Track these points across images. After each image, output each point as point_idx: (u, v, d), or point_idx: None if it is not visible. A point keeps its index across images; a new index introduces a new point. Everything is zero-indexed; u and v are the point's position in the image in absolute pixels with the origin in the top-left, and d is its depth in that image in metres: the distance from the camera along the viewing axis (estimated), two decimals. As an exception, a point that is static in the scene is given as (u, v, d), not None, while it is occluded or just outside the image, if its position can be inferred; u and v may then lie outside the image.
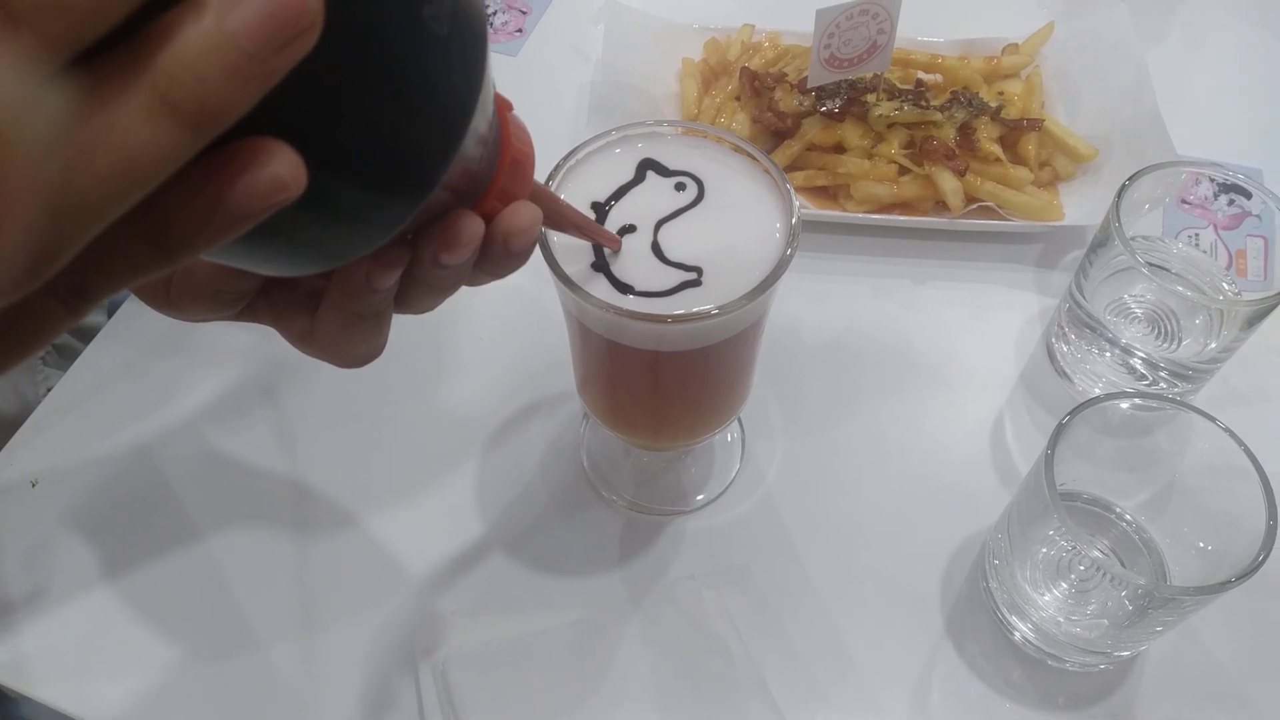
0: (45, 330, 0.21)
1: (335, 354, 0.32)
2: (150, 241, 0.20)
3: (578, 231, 0.38)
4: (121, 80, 0.17)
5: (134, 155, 0.17)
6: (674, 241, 0.41)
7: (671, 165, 0.44)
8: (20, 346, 0.20)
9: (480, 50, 0.24)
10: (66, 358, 0.66)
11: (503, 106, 0.29)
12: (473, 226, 0.28)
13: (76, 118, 0.17)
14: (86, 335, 0.68)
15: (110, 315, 0.68)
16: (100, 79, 0.17)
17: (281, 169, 0.19)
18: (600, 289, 0.40)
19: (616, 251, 0.41)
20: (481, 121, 0.25)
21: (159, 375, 0.64)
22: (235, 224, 0.20)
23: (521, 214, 0.29)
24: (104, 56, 0.17)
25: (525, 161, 0.30)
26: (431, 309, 0.31)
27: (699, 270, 0.41)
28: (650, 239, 0.41)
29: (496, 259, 0.30)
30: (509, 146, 0.29)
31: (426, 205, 0.25)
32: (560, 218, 0.36)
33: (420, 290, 0.30)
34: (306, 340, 0.32)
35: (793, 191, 0.42)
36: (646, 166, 0.44)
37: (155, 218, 0.19)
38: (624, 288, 0.40)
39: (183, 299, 0.31)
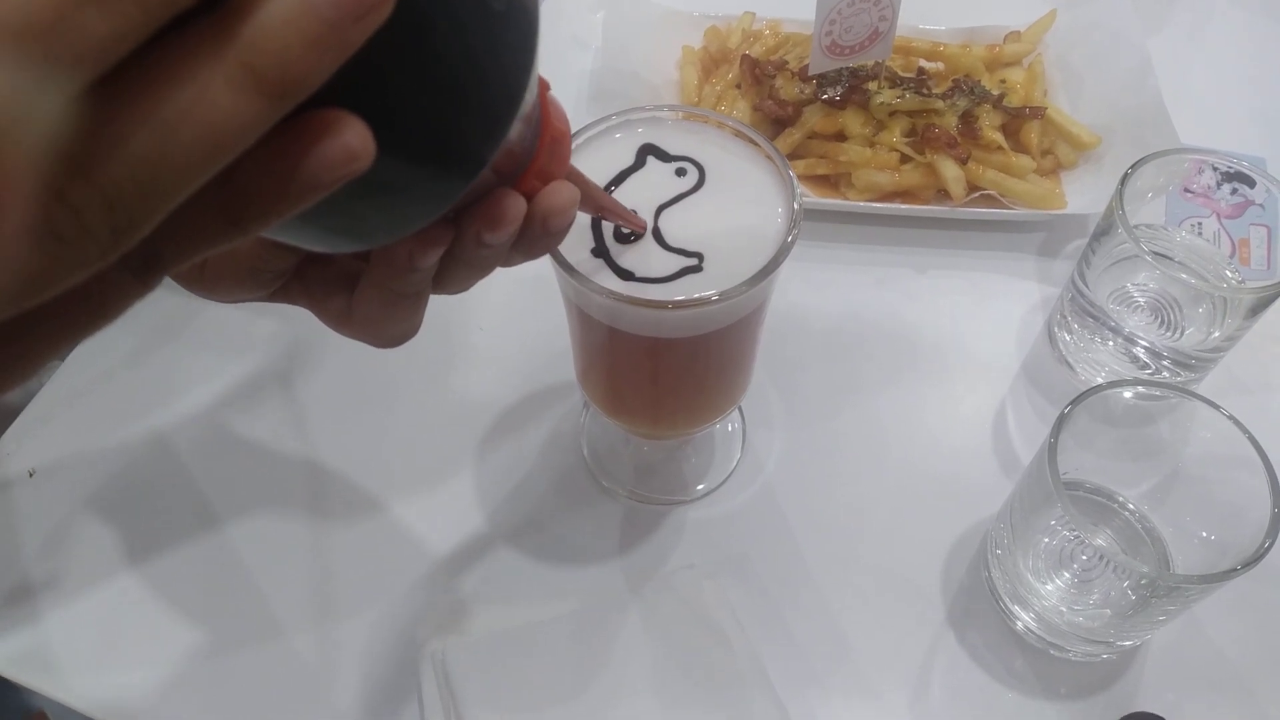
0: (116, 302, 0.21)
1: (373, 333, 0.32)
2: (223, 212, 0.20)
3: (606, 213, 0.38)
4: (209, 50, 0.17)
5: (218, 126, 0.18)
6: (675, 227, 0.41)
7: (672, 150, 0.43)
8: (91, 320, 0.21)
9: (533, 25, 0.24)
10: (67, 346, 0.66)
11: (543, 86, 0.29)
12: (516, 205, 0.28)
13: (165, 87, 0.17)
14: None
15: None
16: (189, 49, 0.17)
17: (354, 140, 0.20)
18: (600, 275, 0.40)
19: (642, 233, 0.41)
20: (529, 99, 0.25)
21: (160, 362, 0.64)
22: (307, 195, 0.20)
23: (561, 193, 0.30)
24: (189, 27, 0.18)
25: (564, 141, 0.30)
26: (466, 289, 0.31)
27: (700, 256, 0.40)
28: (651, 224, 0.41)
29: (535, 238, 0.30)
30: (549, 125, 0.29)
31: (474, 183, 0.25)
32: (590, 198, 0.36)
33: (459, 269, 0.30)
34: (343, 320, 0.32)
35: (794, 177, 0.42)
36: (647, 152, 0.43)
37: (229, 188, 0.19)
38: (624, 274, 0.40)
39: (219, 279, 0.31)
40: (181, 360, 0.64)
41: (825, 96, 0.69)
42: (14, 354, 0.20)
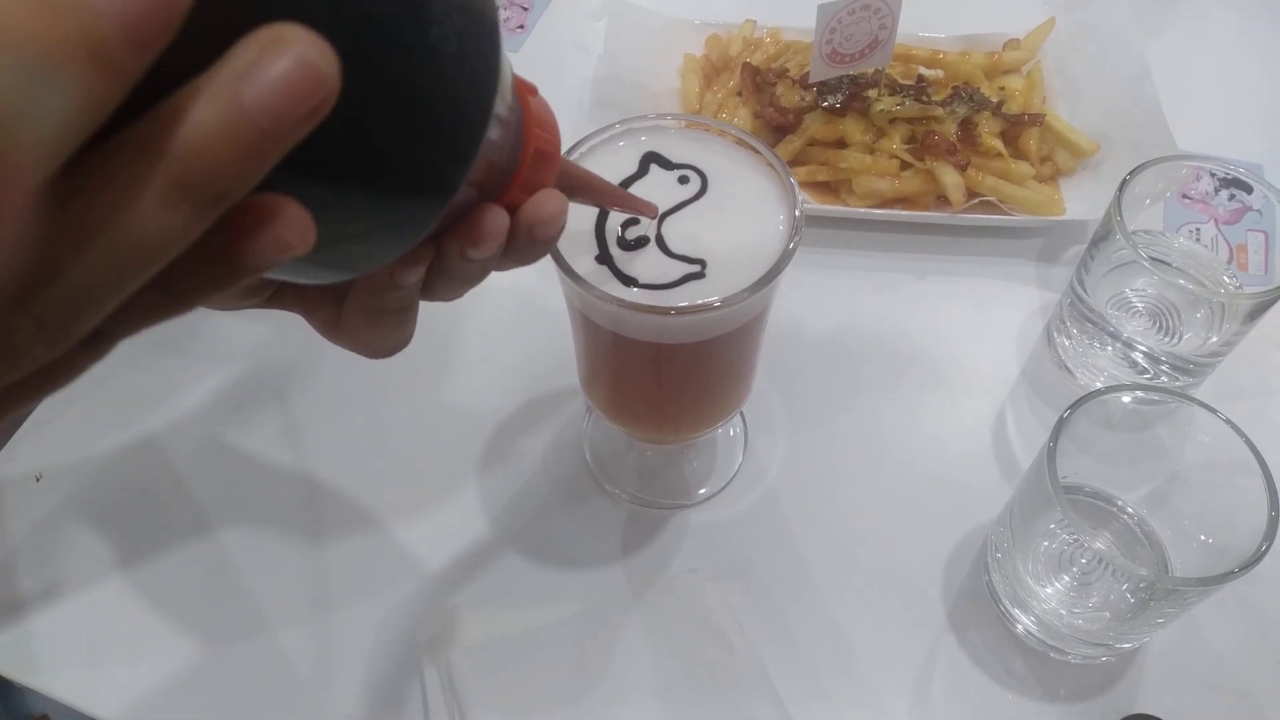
0: (69, 372, 0.21)
1: (362, 345, 0.32)
2: (165, 292, 0.20)
3: (612, 203, 0.37)
4: (138, 167, 0.17)
5: (150, 242, 0.17)
6: (677, 234, 0.42)
7: (675, 158, 0.44)
8: (45, 387, 0.21)
9: (493, 57, 0.24)
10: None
11: (525, 92, 0.28)
12: (498, 221, 0.28)
13: (96, 208, 0.17)
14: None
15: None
16: (117, 166, 0.17)
17: (289, 234, 0.19)
18: (604, 282, 0.40)
19: (654, 218, 0.41)
20: (498, 122, 0.25)
21: (162, 370, 0.64)
22: (246, 276, 0.20)
23: (547, 204, 0.29)
24: (116, 136, 0.17)
25: (549, 150, 0.29)
26: (459, 296, 0.31)
27: (703, 263, 0.41)
28: (654, 231, 0.42)
29: (523, 248, 0.30)
30: (532, 136, 0.28)
31: (449, 208, 0.25)
32: (592, 192, 0.35)
33: (447, 282, 0.30)
34: (334, 330, 0.32)
35: (795, 184, 0.42)
36: (650, 160, 0.44)
37: (168, 274, 0.19)
38: (628, 280, 0.40)
39: None
40: (186, 368, 0.64)
41: (826, 104, 0.70)
42: None
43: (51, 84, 0.15)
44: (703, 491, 0.58)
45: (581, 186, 0.34)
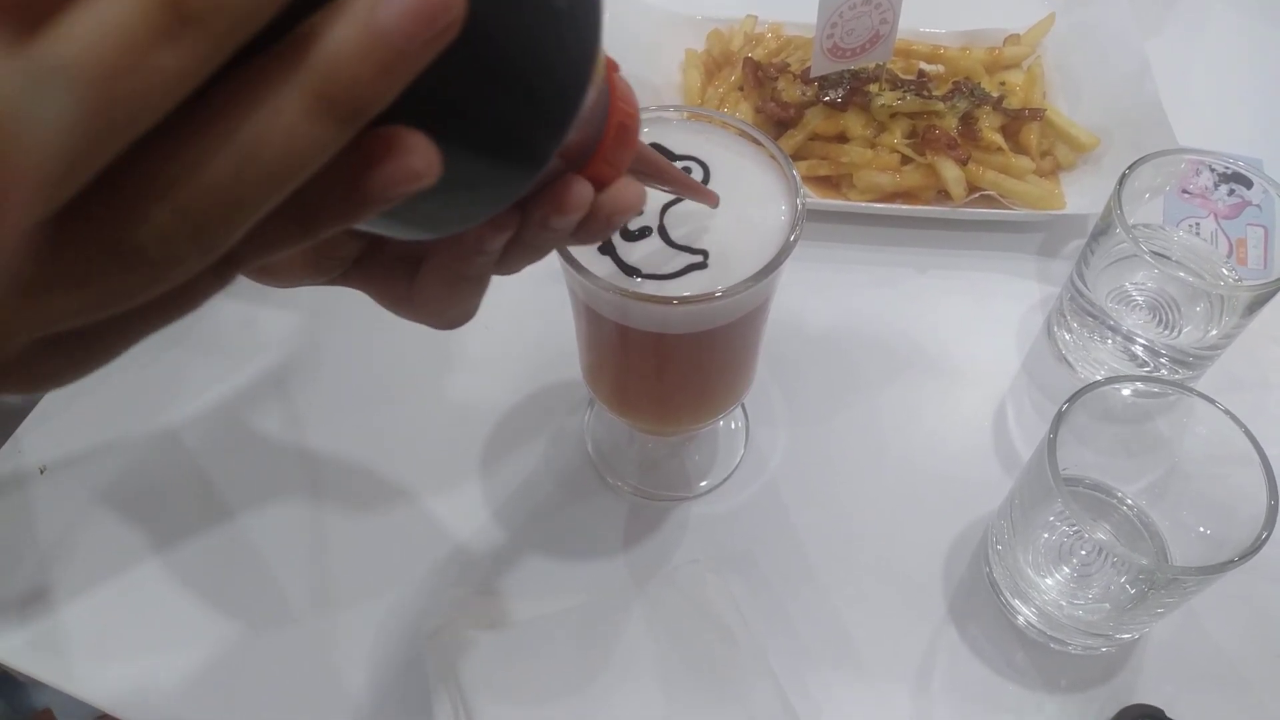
0: (198, 295, 0.22)
1: (434, 316, 0.33)
2: (294, 219, 0.21)
3: (678, 188, 0.38)
4: (281, 78, 0.18)
5: (295, 150, 0.19)
6: (680, 225, 0.42)
7: (677, 149, 0.44)
8: (174, 310, 0.22)
9: (596, 14, 0.24)
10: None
11: (610, 68, 0.29)
12: (583, 191, 0.28)
13: (241, 113, 0.18)
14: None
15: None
16: (260, 77, 0.18)
17: (417, 161, 0.20)
18: (607, 272, 0.40)
19: (715, 207, 0.41)
20: (594, 86, 0.25)
21: (165, 363, 0.64)
22: (374, 207, 0.21)
23: (629, 191, 0.30)
24: (259, 57, 0.18)
25: (631, 125, 0.30)
26: (520, 270, 0.32)
27: (705, 253, 0.41)
28: (657, 222, 0.42)
29: (598, 229, 0.30)
30: (616, 110, 0.29)
31: (543, 172, 0.25)
32: (660, 176, 0.36)
33: (521, 251, 0.31)
34: (403, 303, 0.33)
35: (797, 176, 0.43)
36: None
37: (301, 198, 0.20)
38: (631, 270, 0.41)
39: (281, 268, 0.32)
40: (189, 363, 0.64)
41: (827, 99, 0.70)
42: (103, 340, 0.21)
43: None
44: (704, 484, 0.59)
45: (650, 170, 0.34)
